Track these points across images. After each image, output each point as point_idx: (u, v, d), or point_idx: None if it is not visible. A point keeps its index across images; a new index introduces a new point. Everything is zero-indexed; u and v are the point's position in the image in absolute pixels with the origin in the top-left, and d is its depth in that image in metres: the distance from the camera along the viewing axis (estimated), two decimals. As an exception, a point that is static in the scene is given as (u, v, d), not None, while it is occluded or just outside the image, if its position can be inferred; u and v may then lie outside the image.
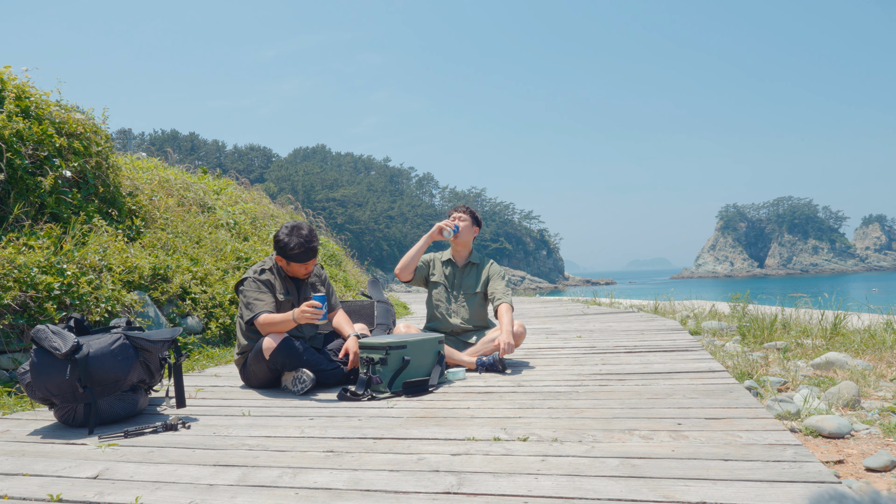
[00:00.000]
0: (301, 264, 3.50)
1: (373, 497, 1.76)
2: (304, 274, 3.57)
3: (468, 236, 4.06)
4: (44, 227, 4.34)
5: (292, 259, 3.46)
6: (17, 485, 1.96)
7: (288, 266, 3.53)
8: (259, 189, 12.21)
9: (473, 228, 4.10)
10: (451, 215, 4.10)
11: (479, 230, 4.17)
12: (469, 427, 2.46)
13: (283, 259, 3.50)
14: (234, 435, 2.48)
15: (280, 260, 3.53)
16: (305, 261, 3.48)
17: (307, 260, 3.48)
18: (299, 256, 3.45)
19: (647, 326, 5.89)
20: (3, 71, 4.87)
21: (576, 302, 10.82)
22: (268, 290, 3.45)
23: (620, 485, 1.77)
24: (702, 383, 3.11)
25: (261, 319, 3.33)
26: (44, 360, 2.58)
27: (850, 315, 5.81)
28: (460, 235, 4.02)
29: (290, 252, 3.43)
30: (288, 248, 3.42)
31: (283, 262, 3.53)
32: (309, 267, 3.55)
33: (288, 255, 3.45)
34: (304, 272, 3.56)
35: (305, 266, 3.53)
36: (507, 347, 3.62)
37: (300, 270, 3.55)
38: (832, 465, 2.30)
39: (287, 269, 3.56)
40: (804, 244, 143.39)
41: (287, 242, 3.42)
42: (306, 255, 3.46)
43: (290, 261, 3.48)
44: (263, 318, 3.32)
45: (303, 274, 3.57)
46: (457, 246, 4.08)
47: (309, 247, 3.45)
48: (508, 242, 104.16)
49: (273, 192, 64.62)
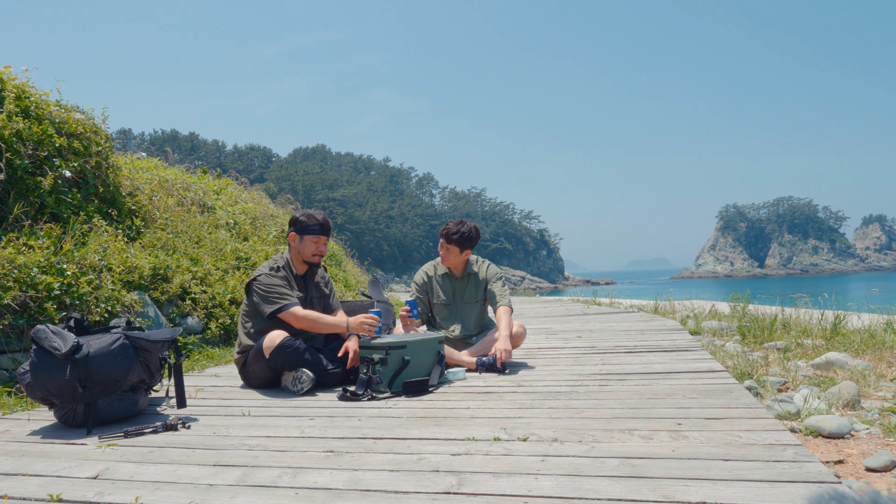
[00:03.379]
0: (314, 239, 3.57)
1: (373, 497, 1.76)
2: (314, 254, 3.59)
3: (457, 259, 3.94)
4: (44, 227, 4.34)
5: (308, 231, 3.56)
6: (17, 485, 1.96)
7: (300, 245, 3.58)
8: (259, 189, 12.21)
9: (464, 253, 3.93)
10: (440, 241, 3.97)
11: (478, 241, 3.99)
12: (469, 427, 2.46)
13: (297, 235, 3.58)
14: (234, 435, 2.48)
15: (293, 238, 3.60)
16: (320, 234, 3.58)
17: (322, 234, 3.59)
18: (314, 228, 3.56)
19: (647, 326, 5.89)
20: (3, 71, 4.87)
21: (576, 302, 10.82)
22: (288, 284, 3.51)
23: (620, 485, 1.77)
24: (702, 383, 3.11)
25: (297, 312, 3.38)
26: (44, 360, 2.58)
27: (850, 315, 5.82)
28: (448, 260, 3.93)
29: (307, 225, 3.56)
30: (306, 222, 3.57)
31: (296, 242, 3.59)
32: (321, 247, 3.60)
33: (304, 227, 3.56)
34: (314, 251, 3.59)
35: (317, 243, 3.59)
36: (504, 355, 3.61)
37: (310, 248, 3.58)
38: (832, 465, 2.30)
39: (299, 250, 3.59)
40: (804, 244, 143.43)
41: (305, 219, 3.58)
42: (322, 228, 3.59)
43: (305, 234, 3.57)
44: (300, 312, 3.38)
45: (312, 254, 3.59)
46: (450, 266, 4.01)
47: (324, 223, 3.62)
48: (508, 242, 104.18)
49: (273, 192, 64.61)
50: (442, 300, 4.03)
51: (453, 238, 3.89)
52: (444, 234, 3.94)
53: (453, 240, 3.90)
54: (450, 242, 3.91)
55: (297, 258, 3.62)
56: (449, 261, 3.96)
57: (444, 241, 3.94)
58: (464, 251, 3.93)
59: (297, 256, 3.61)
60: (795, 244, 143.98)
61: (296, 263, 3.64)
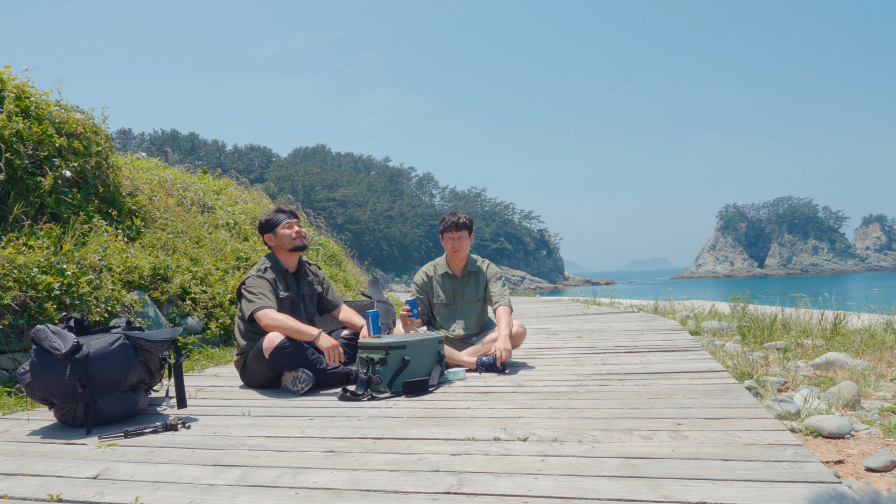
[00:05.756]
0: (285, 226, 3.61)
1: (373, 497, 1.76)
2: (295, 238, 3.61)
3: (467, 245, 3.99)
4: (44, 227, 4.34)
5: (276, 224, 3.61)
6: (17, 485, 1.96)
7: (279, 240, 3.61)
8: (259, 189, 12.20)
9: (470, 237, 4.02)
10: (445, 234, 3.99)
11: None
12: (469, 427, 2.46)
13: (271, 234, 3.63)
14: (234, 435, 2.48)
15: (269, 239, 3.64)
16: (288, 218, 3.64)
17: (289, 218, 3.65)
18: (280, 218, 3.63)
19: (647, 326, 5.89)
20: (3, 71, 4.87)
21: (576, 302, 10.82)
22: (272, 287, 3.51)
23: (620, 485, 1.77)
24: (702, 383, 3.11)
25: (270, 314, 3.35)
26: (44, 360, 2.58)
27: (850, 315, 5.81)
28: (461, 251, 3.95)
29: (272, 219, 3.63)
30: (270, 218, 3.64)
31: (273, 240, 3.63)
32: (296, 229, 3.63)
33: (271, 222, 3.62)
34: (293, 235, 3.61)
35: (290, 227, 3.62)
36: (504, 354, 3.62)
37: (288, 235, 3.61)
38: (832, 465, 2.30)
39: (280, 245, 3.62)
40: (804, 244, 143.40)
41: (269, 217, 3.66)
42: (286, 214, 3.66)
43: (275, 227, 3.62)
44: (273, 315, 3.35)
45: (292, 239, 3.60)
46: (454, 259, 4.03)
47: (286, 209, 3.69)
48: (508, 242, 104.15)
49: (273, 192, 64.63)
50: (442, 300, 4.03)
51: (462, 224, 3.96)
52: (451, 224, 3.95)
53: (463, 225, 3.96)
54: (459, 230, 3.95)
55: (283, 253, 3.66)
56: (462, 250, 3.97)
57: (452, 233, 3.95)
58: (471, 235, 4.03)
59: (282, 251, 3.65)
60: (795, 244, 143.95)
61: (284, 260, 3.66)
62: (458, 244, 3.96)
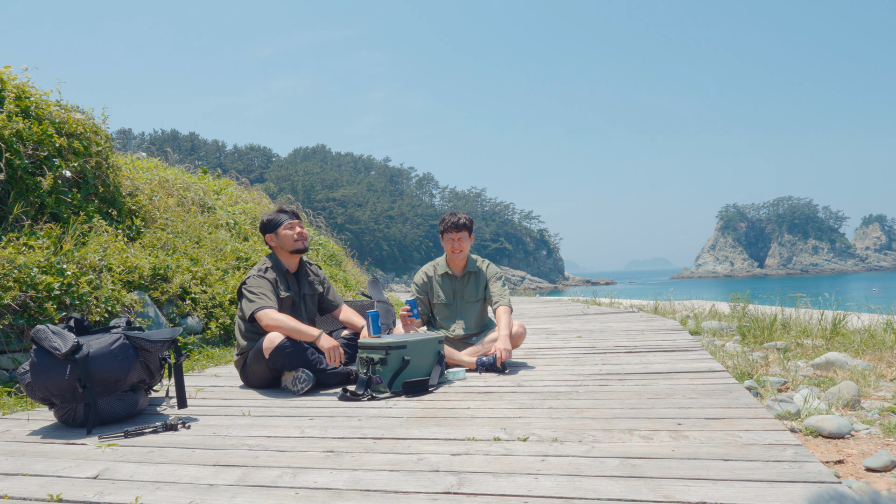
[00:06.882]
0: (287, 226, 3.62)
1: (373, 497, 1.76)
2: (296, 239, 3.62)
3: (468, 246, 4.01)
4: (44, 227, 4.34)
5: (278, 224, 3.62)
6: (17, 485, 1.96)
7: (280, 240, 3.62)
8: (259, 189, 12.20)
9: (470, 237, 4.03)
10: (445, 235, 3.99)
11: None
12: (469, 427, 2.46)
13: (272, 234, 3.63)
14: (234, 435, 2.48)
15: (271, 239, 3.65)
16: (290, 219, 3.65)
17: (291, 218, 3.66)
18: (282, 218, 3.63)
19: (647, 326, 5.89)
20: (3, 71, 4.87)
21: (576, 302, 10.82)
22: (273, 287, 3.51)
23: (620, 485, 1.77)
24: (702, 383, 3.11)
25: (271, 314, 3.35)
26: (44, 360, 2.58)
27: (849, 315, 5.81)
28: (461, 251, 3.96)
29: (274, 219, 3.64)
30: (273, 218, 3.65)
31: (274, 240, 3.64)
32: (298, 230, 3.64)
33: (273, 222, 3.63)
34: (295, 236, 3.62)
35: (292, 228, 3.63)
36: (504, 354, 3.62)
37: (290, 236, 3.61)
38: (832, 465, 2.30)
39: (281, 245, 3.62)
40: (804, 244, 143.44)
41: (271, 217, 3.67)
42: (288, 214, 3.67)
43: (277, 228, 3.62)
44: (274, 315, 3.34)
45: (294, 240, 3.61)
46: (454, 260, 4.03)
47: (288, 210, 3.70)
48: (508, 242, 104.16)
49: (273, 192, 64.60)
50: (442, 300, 4.03)
51: (462, 225, 3.96)
52: (451, 225, 3.95)
53: (463, 226, 3.96)
54: (459, 231, 3.95)
55: (283, 254, 3.66)
56: (463, 251, 3.98)
57: (452, 234, 3.95)
58: (471, 235, 4.04)
59: (283, 252, 3.65)
60: (795, 244, 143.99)
61: (285, 260, 3.66)
62: (459, 245, 3.96)
